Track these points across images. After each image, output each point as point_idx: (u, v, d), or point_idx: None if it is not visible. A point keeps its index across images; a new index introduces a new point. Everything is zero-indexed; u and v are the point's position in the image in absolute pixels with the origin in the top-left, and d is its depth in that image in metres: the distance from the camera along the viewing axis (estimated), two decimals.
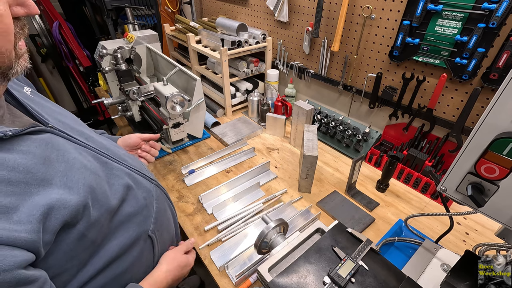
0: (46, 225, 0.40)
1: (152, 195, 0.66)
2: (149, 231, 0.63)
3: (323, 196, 1.06)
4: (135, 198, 0.60)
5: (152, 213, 0.65)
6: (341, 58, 1.29)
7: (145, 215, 0.62)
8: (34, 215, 0.39)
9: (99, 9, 2.28)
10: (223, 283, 0.78)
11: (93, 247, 0.50)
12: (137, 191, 0.61)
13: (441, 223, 0.95)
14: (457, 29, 0.89)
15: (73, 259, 0.47)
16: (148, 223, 0.63)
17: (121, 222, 0.56)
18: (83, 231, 0.46)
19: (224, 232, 0.91)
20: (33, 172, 0.41)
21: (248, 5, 1.65)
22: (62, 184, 0.44)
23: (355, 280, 0.56)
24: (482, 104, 0.94)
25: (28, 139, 0.44)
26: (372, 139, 1.24)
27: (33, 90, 0.59)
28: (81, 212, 0.45)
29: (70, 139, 0.52)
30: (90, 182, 0.49)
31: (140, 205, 0.60)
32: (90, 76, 2.67)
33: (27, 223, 0.38)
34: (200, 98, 1.20)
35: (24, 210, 0.38)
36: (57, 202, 0.42)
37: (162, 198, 0.71)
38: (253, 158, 1.27)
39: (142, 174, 0.66)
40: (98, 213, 0.49)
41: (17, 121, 0.47)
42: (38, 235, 0.39)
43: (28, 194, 0.40)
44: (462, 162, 0.53)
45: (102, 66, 1.31)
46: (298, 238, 0.67)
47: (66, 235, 0.44)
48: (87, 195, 0.47)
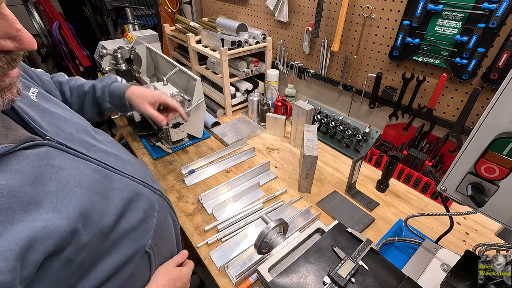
0: (26, 260, 0.36)
1: (153, 206, 0.63)
2: (146, 247, 0.58)
3: (323, 196, 1.06)
4: (134, 212, 0.56)
5: (152, 226, 0.61)
6: (341, 58, 1.29)
7: (143, 230, 0.58)
8: (12, 250, 0.35)
9: (99, 9, 2.28)
10: (223, 283, 0.78)
11: (81, 270, 0.46)
12: (137, 204, 0.58)
13: (441, 223, 0.95)
14: (457, 29, 0.89)
15: (60, 285, 0.43)
16: (146, 238, 0.59)
17: (117, 239, 0.52)
18: (70, 257, 0.42)
19: (224, 232, 0.91)
20: (19, 196, 0.38)
21: (248, 5, 1.65)
22: (51, 207, 0.41)
23: (355, 280, 0.56)
24: (482, 104, 0.94)
25: (21, 155, 0.41)
26: (372, 139, 1.24)
27: (40, 91, 0.56)
28: (69, 238, 0.42)
29: (69, 151, 0.49)
30: (83, 203, 0.45)
31: (138, 219, 0.57)
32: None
33: (2, 261, 0.34)
34: (200, 98, 1.20)
35: (2, 243, 0.34)
36: (42, 231, 0.38)
37: (164, 209, 0.68)
38: (253, 158, 1.27)
39: (145, 184, 0.63)
40: (89, 236, 0.45)
41: (11, 135, 0.43)
42: (13, 275, 0.34)
43: (10, 222, 0.36)
44: (462, 162, 0.53)
45: (102, 66, 1.31)
46: (298, 238, 0.67)
47: (50, 263, 0.40)
48: (77, 218, 0.43)
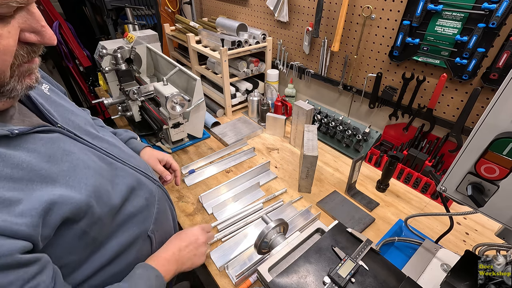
0: (46, 220, 0.41)
1: (154, 195, 0.68)
2: (148, 231, 0.64)
3: (323, 196, 1.06)
4: (137, 198, 0.61)
5: (153, 213, 0.66)
6: (341, 58, 1.29)
7: (146, 215, 0.63)
8: (36, 209, 0.40)
9: (99, 9, 2.28)
10: (223, 283, 0.78)
11: (93, 245, 0.51)
12: (139, 192, 0.62)
13: (441, 223, 0.95)
14: (457, 29, 0.89)
15: (72, 255, 0.48)
16: (148, 223, 0.64)
17: (123, 221, 0.57)
18: (85, 228, 0.47)
19: (224, 232, 0.91)
20: (36, 170, 0.42)
21: (248, 5, 1.65)
22: (64, 183, 0.45)
23: (355, 280, 0.56)
24: (482, 104, 0.94)
25: (36, 137, 0.45)
26: (372, 139, 1.24)
27: (51, 87, 0.61)
28: (84, 210, 0.46)
29: (77, 139, 0.54)
30: (94, 182, 0.50)
31: (141, 205, 0.62)
32: (90, 76, 2.67)
33: (28, 217, 0.39)
34: (200, 98, 1.20)
35: (26, 204, 0.39)
36: (59, 198, 0.43)
37: (163, 199, 0.72)
38: (253, 158, 1.27)
39: (146, 175, 0.68)
40: (101, 211, 0.50)
41: (27, 120, 0.48)
42: (36, 230, 0.39)
43: (31, 190, 0.41)
44: (462, 162, 0.53)
45: (102, 66, 1.31)
46: (298, 238, 0.67)
47: (67, 230, 0.45)
48: (90, 194, 0.48)
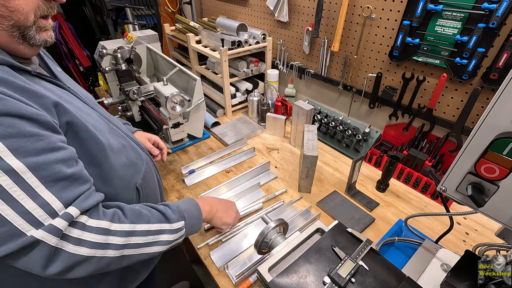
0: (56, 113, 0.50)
1: (143, 158, 0.76)
2: (137, 184, 0.70)
3: (323, 196, 1.06)
4: (129, 152, 0.70)
5: (141, 170, 0.73)
6: (341, 58, 1.29)
7: (135, 170, 0.71)
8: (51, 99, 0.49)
9: (99, 9, 2.28)
10: (223, 283, 0.78)
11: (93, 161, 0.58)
12: (129, 150, 0.70)
13: (441, 223, 0.95)
14: (457, 29, 0.89)
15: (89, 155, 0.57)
16: (137, 177, 0.71)
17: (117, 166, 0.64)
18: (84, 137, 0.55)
19: (224, 232, 0.90)
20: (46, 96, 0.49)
21: (248, 5, 1.65)
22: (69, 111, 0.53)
23: (355, 280, 0.56)
24: (482, 104, 0.94)
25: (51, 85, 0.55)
26: (372, 139, 1.24)
27: (60, 70, 0.70)
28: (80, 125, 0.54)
29: (82, 99, 0.63)
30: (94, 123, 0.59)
31: (132, 160, 0.70)
32: (90, 76, 2.67)
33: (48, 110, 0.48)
34: (200, 98, 1.20)
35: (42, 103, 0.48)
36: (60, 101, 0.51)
37: (150, 164, 0.80)
38: (253, 158, 1.27)
39: (135, 141, 0.76)
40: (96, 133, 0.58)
41: None
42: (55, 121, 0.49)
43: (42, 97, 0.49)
44: (462, 162, 0.53)
45: (102, 66, 1.31)
46: (298, 238, 0.67)
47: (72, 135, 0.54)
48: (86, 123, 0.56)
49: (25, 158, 0.42)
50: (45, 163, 0.45)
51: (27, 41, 0.50)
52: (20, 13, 0.46)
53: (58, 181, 0.46)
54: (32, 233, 0.43)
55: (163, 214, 0.61)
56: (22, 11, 0.46)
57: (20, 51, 0.51)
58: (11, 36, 0.48)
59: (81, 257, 0.48)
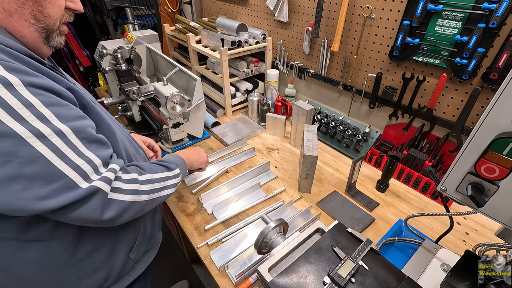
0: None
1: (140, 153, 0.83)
2: None
3: (323, 196, 1.06)
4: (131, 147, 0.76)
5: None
6: (341, 58, 1.29)
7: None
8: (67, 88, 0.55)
9: (99, 9, 2.28)
10: (223, 283, 0.78)
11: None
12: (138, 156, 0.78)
13: (441, 223, 0.95)
14: (457, 29, 0.89)
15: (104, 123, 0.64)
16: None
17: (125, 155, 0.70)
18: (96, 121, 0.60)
19: (224, 232, 0.91)
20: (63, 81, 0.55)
21: (248, 5, 1.65)
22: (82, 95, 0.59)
23: (355, 280, 0.56)
24: (482, 104, 0.94)
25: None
26: (372, 139, 1.24)
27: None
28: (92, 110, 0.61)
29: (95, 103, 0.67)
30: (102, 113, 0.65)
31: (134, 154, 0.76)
32: (90, 76, 2.66)
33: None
34: (200, 98, 1.20)
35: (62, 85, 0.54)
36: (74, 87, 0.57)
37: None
38: (253, 158, 1.27)
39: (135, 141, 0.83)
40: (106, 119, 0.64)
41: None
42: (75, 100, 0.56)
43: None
44: (462, 162, 0.53)
45: (102, 66, 1.31)
46: (298, 238, 0.67)
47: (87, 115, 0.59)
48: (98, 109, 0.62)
49: (68, 122, 0.50)
50: (81, 127, 0.52)
51: (49, 42, 0.58)
52: (51, 19, 0.55)
53: (92, 142, 0.54)
54: (84, 185, 0.51)
55: (165, 166, 0.73)
56: (53, 17, 0.55)
57: (42, 50, 0.58)
58: (40, 36, 0.56)
59: (126, 203, 0.58)
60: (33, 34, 0.54)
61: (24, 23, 0.52)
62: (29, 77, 0.47)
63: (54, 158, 0.48)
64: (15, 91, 0.45)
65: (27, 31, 0.53)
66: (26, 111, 0.45)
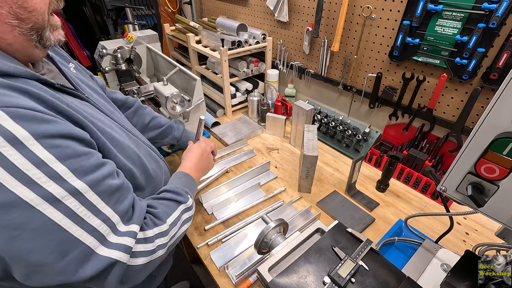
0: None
1: (162, 167, 0.78)
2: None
3: (323, 196, 1.06)
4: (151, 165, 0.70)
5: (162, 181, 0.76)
6: (341, 58, 1.29)
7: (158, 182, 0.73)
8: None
9: (99, 9, 2.28)
10: (223, 283, 0.78)
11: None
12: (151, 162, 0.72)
13: (441, 223, 0.95)
14: (457, 29, 0.89)
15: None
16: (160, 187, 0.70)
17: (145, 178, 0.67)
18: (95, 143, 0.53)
19: (224, 232, 0.91)
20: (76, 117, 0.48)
21: (248, 5, 1.65)
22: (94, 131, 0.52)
23: (355, 280, 0.56)
24: (482, 104, 0.94)
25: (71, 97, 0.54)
26: (372, 139, 1.24)
27: (76, 66, 0.68)
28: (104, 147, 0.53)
29: (100, 109, 0.62)
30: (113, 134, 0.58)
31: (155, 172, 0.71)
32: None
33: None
34: (200, 98, 1.20)
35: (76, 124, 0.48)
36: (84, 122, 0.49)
37: (168, 172, 0.83)
38: (253, 158, 1.27)
39: (152, 149, 0.78)
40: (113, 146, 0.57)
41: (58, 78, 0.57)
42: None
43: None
44: (462, 162, 0.53)
45: (102, 66, 1.31)
46: (298, 238, 0.67)
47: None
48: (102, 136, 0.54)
49: (85, 177, 0.43)
50: (100, 178, 0.46)
51: (43, 43, 0.48)
52: (38, 13, 0.44)
53: (112, 194, 0.47)
54: (101, 251, 0.45)
55: (176, 200, 0.66)
56: (40, 10, 0.44)
57: (35, 55, 0.48)
58: (29, 40, 0.45)
59: (140, 266, 0.52)
60: (19, 39, 0.44)
61: (5, 27, 0.41)
62: (41, 125, 0.39)
63: (68, 225, 0.41)
64: (25, 149, 0.37)
65: (11, 36, 0.42)
66: (37, 172, 0.38)
